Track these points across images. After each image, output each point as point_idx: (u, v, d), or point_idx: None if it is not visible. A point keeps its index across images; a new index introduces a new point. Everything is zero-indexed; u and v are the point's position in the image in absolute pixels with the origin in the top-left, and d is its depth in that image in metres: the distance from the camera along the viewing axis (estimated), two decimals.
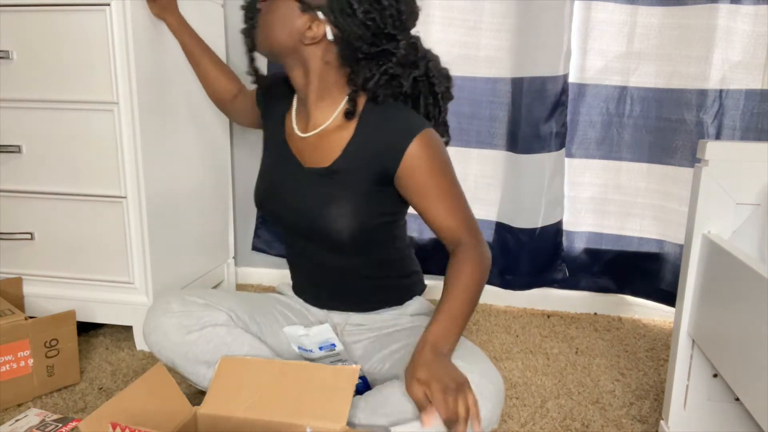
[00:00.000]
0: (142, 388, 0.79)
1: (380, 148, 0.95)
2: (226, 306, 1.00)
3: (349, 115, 0.96)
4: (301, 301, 1.15)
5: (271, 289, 1.25)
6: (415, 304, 1.12)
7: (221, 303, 1.00)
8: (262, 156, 1.12)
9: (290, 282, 1.19)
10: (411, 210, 1.03)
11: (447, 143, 1.05)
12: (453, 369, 0.82)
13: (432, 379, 0.78)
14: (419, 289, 1.15)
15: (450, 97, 1.05)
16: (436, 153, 0.95)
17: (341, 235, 0.97)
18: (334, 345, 1.02)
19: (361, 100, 0.99)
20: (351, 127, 0.98)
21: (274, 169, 1.06)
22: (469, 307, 0.90)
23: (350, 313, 1.10)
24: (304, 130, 1.02)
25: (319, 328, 1.02)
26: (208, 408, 0.81)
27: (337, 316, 1.11)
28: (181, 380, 1.01)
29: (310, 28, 0.92)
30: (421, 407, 0.78)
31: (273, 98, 1.11)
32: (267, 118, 1.12)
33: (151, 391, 0.79)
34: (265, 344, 1.00)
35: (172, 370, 0.95)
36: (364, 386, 1.02)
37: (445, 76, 1.04)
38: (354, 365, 0.82)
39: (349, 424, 0.83)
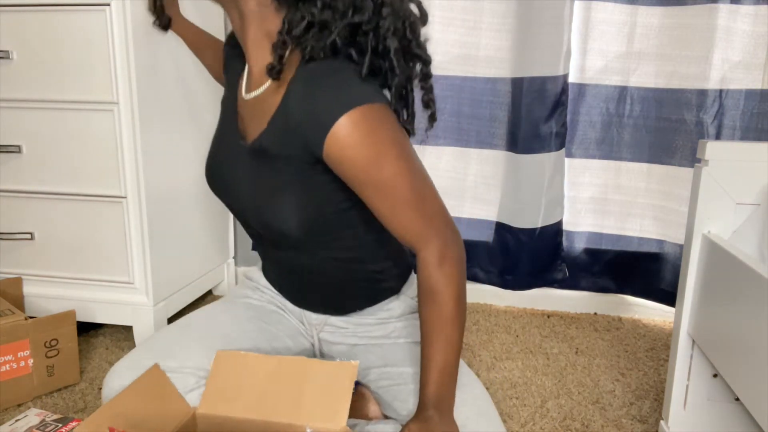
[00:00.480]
0: (139, 391, 0.77)
1: (303, 123, 0.70)
2: (192, 365, 0.83)
3: (271, 72, 0.72)
4: (274, 293, 1.00)
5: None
6: (397, 304, 0.96)
7: (186, 363, 0.83)
8: None
9: (259, 270, 1.03)
10: None
11: (410, 134, 0.79)
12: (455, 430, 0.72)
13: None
14: (399, 282, 0.96)
15: (427, 75, 0.77)
16: (373, 136, 0.69)
17: (289, 231, 0.78)
18: None
19: (295, 57, 0.74)
20: (281, 92, 0.74)
21: (219, 139, 0.88)
22: (459, 346, 0.75)
23: (328, 316, 0.97)
24: (248, 90, 0.81)
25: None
26: (206, 408, 0.79)
27: (314, 317, 0.98)
28: None
29: None
30: None
31: (233, 56, 0.89)
32: (227, 79, 0.91)
33: (148, 392, 0.78)
34: None
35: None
36: None
37: (414, 38, 0.73)
38: (355, 361, 0.78)
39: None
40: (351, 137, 0.68)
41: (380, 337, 0.95)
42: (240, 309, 0.98)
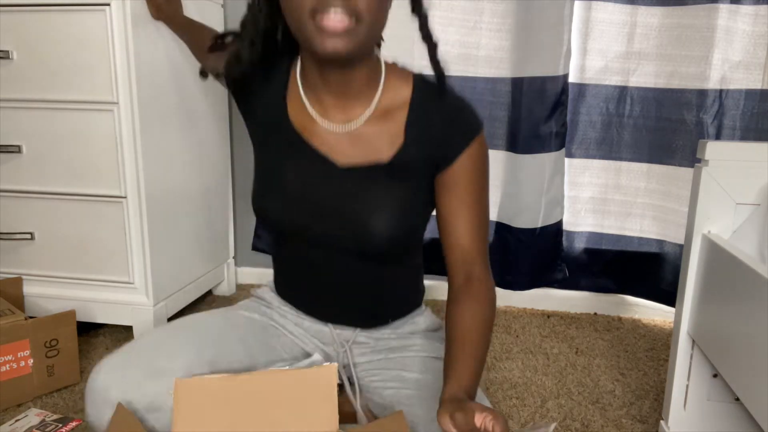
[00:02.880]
0: None
1: (440, 140, 0.80)
2: (181, 367, 0.80)
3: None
4: (289, 313, 0.97)
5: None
6: (423, 319, 0.99)
7: (174, 364, 0.80)
8: (258, 154, 0.90)
9: (269, 290, 1.01)
10: None
11: None
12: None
13: (471, 404, 0.65)
14: (422, 298, 1.02)
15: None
16: (487, 160, 0.84)
17: (385, 241, 0.82)
18: None
19: (403, 80, 0.82)
20: (401, 114, 0.81)
21: (291, 170, 0.84)
22: (487, 348, 0.79)
23: (357, 330, 0.95)
24: (342, 122, 0.82)
25: (308, 360, 0.91)
26: None
27: (344, 331, 0.95)
28: None
29: None
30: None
31: (249, 75, 0.85)
32: (249, 101, 0.89)
33: None
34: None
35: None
36: None
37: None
38: (333, 363, 0.73)
39: None
40: (478, 157, 0.81)
41: (401, 348, 0.95)
42: (236, 317, 0.95)
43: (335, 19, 0.66)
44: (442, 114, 0.80)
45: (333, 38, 0.67)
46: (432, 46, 0.79)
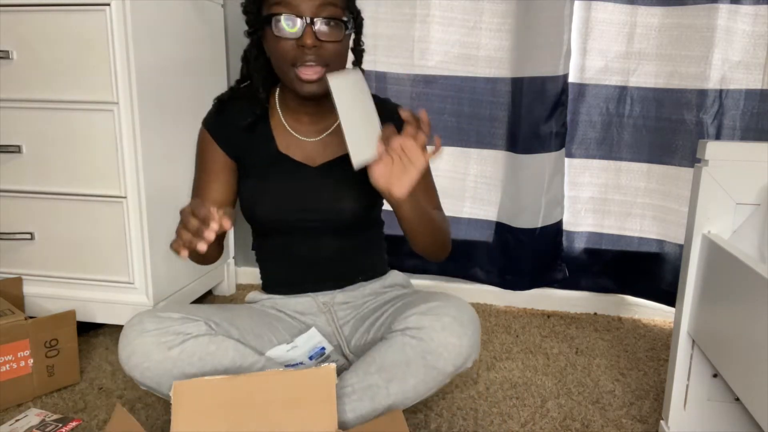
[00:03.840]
0: None
1: None
2: (203, 315, 0.96)
3: None
4: (277, 299, 1.11)
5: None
6: (393, 275, 1.16)
7: (197, 313, 0.96)
8: (245, 174, 1.05)
9: (257, 292, 1.15)
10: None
11: None
12: (417, 172, 0.88)
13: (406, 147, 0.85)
14: (386, 266, 1.19)
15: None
16: None
17: (350, 215, 1.03)
18: (323, 348, 1.00)
19: None
20: None
21: (278, 180, 1.03)
22: (437, 222, 1.01)
23: (335, 292, 1.10)
24: (316, 134, 1.05)
25: (306, 334, 1.00)
26: None
27: (323, 296, 1.10)
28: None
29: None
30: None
31: (238, 127, 1.03)
32: (244, 147, 1.05)
33: None
34: (249, 347, 0.96)
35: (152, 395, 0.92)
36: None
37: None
38: (331, 364, 0.77)
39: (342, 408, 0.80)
40: None
41: (376, 298, 1.11)
42: (240, 306, 1.11)
43: (311, 71, 0.91)
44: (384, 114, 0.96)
45: (309, 85, 0.92)
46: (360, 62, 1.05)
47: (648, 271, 1.61)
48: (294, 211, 1.02)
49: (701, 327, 0.93)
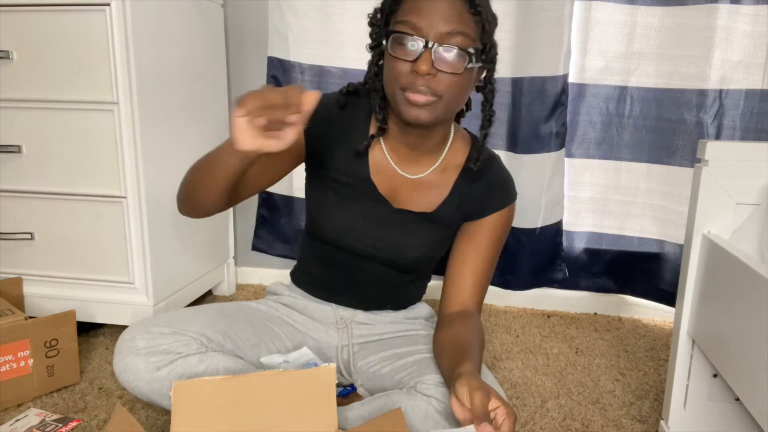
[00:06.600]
0: None
1: (478, 200, 0.99)
2: (196, 330, 0.93)
3: (475, 163, 0.95)
4: (299, 298, 1.10)
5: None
6: (419, 308, 1.13)
7: (190, 327, 0.93)
8: (329, 189, 0.99)
9: (284, 282, 1.15)
10: None
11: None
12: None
13: (491, 390, 0.72)
14: (421, 294, 1.16)
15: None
16: (509, 228, 1.02)
17: (411, 263, 1.02)
18: (316, 365, 0.99)
19: (461, 145, 1.00)
20: (455, 173, 0.99)
21: (357, 207, 0.99)
22: (481, 360, 0.89)
23: (357, 311, 1.08)
24: (408, 171, 0.98)
25: (299, 352, 0.99)
26: None
27: (344, 311, 1.08)
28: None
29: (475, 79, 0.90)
30: (476, 416, 0.69)
31: (333, 125, 0.97)
32: (334, 150, 0.98)
33: None
34: (243, 360, 0.95)
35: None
36: (352, 391, 1.03)
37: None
38: (331, 364, 0.76)
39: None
40: (505, 224, 1.01)
41: (396, 330, 1.08)
42: (245, 305, 1.08)
43: (418, 96, 0.83)
44: (487, 180, 0.99)
45: (417, 109, 0.84)
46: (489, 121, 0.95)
47: (648, 271, 1.61)
48: (365, 243, 0.99)
49: (701, 327, 0.93)
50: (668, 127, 1.51)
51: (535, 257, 1.63)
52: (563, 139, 1.56)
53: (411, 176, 0.98)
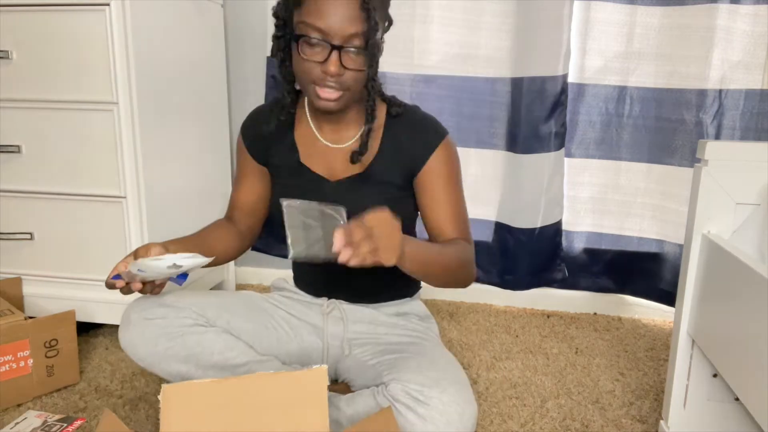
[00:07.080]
0: None
1: (408, 149, 1.00)
2: (189, 302, 0.99)
3: (370, 119, 0.98)
4: (301, 294, 1.14)
5: (269, 290, 1.21)
6: (413, 304, 1.14)
7: (183, 299, 0.99)
8: (276, 184, 1.07)
9: (285, 278, 1.19)
10: None
11: None
12: (397, 237, 0.81)
13: (370, 227, 0.77)
14: (414, 291, 1.17)
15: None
16: (456, 160, 1.03)
17: None
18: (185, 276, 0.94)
19: (381, 107, 1.02)
20: (378, 133, 1.01)
21: (299, 193, 0.98)
22: (446, 262, 0.94)
23: (356, 305, 1.10)
24: (334, 142, 1.03)
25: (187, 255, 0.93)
26: None
27: (345, 306, 1.11)
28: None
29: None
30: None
31: (264, 135, 1.05)
32: (270, 154, 1.07)
33: None
34: (240, 340, 1.00)
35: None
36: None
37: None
38: (323, 365, 0.75)
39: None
40: (445, 159, 1.00)
41: (388, 325, 1.09)
42: (242, 293, 1.13)
43: (328, 92, 0.89)
44: (407, 128, 1.01)
45: (326, 102, 0.91)
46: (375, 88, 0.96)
47: (648, 271, 1.61)
48: None
49: (701, 327, 0.93)
50: (668, 127, 1.51)
51: (535, 257, 1.63)
52: (563, 139, 1.56)
53: (341, 145, 1.02)
